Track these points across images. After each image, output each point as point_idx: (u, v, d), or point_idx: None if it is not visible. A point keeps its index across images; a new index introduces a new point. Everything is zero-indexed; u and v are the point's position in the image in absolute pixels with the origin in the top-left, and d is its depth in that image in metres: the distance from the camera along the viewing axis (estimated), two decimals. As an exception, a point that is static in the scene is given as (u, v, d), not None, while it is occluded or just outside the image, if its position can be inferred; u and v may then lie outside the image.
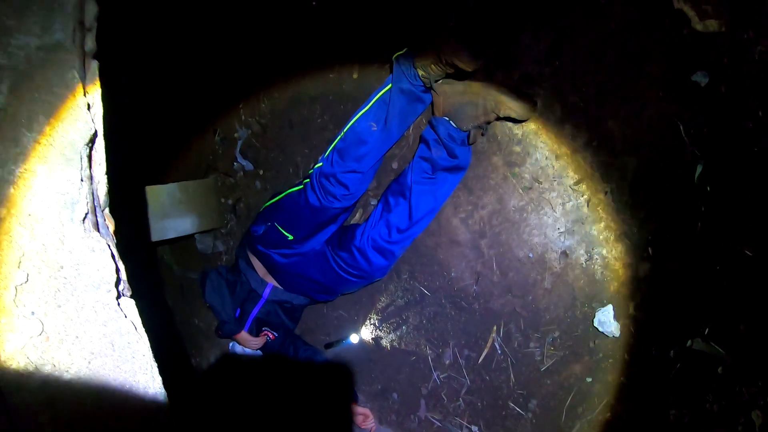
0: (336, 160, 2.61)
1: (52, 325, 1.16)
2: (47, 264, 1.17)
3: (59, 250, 1.18)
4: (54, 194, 1.18)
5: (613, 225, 2.51)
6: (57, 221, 1.18)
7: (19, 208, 1.15)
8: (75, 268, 1.19)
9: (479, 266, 2.75)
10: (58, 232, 1.18)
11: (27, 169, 1.17)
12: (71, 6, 1.32)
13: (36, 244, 1.16)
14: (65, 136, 1.21)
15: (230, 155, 3.31)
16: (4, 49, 1.23)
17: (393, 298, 2.98)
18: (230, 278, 3.05)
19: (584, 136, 2.47)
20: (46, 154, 1.19)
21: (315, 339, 3.19)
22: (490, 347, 2.79)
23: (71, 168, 1.20)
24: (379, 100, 2.58)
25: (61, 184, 1.19)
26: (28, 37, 1.25)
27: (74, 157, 1.21)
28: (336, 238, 2.84)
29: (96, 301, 1.20)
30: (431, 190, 2.63)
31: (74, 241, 1.19)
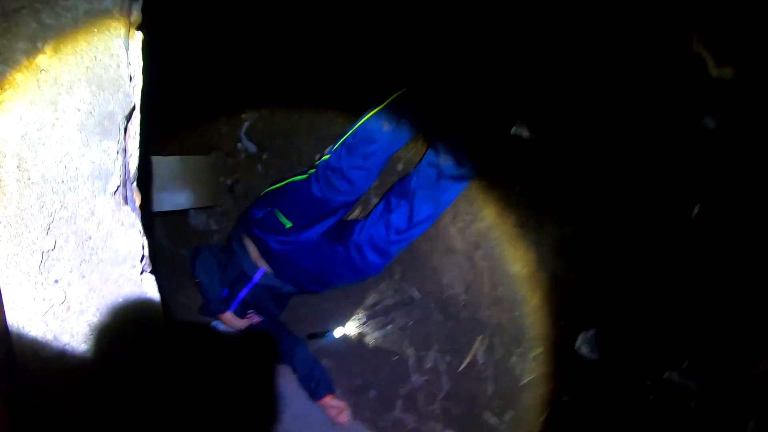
0: (344, 155, 2.62)
1: (74, 295, 1.15)
2: (76, 233, 1.15)
3: (88, 221, 1.17)
4: (89, 163, 1.17)
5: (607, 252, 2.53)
6: (89, 191, 1.17)
7: (53, 174, 1.13)
8: (103, 240, 1.18)
9: (471, 276, 2.77)
10: (90, 203, 1.17)
11: (64, 135, 1.15)
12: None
13: (66, 212, 1.15)
14: (105, 105, 1.20)
15: (235, 135, 3.30)
16: (52, 8, 1.20)
17: (382, 296, 2.99)
18: (222, 258, 3.04)
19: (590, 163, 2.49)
20: (85, 122, 1.17)
21: (299, 328, 3.18)
22: (472, 356, 2.81)
23: (109, 139, 1.19)
24: (394, 101, 2.60)
25: (97, 154, 1.17)
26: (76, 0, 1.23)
27: (112, 129, 1.20)
28: (334, 232, 2.84)
29: (120, 275, 1.19)
30: (434, 196, 2.65)
31: (104, 213, 1.18)
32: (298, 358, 2.99)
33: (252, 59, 3.11)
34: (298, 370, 2.99)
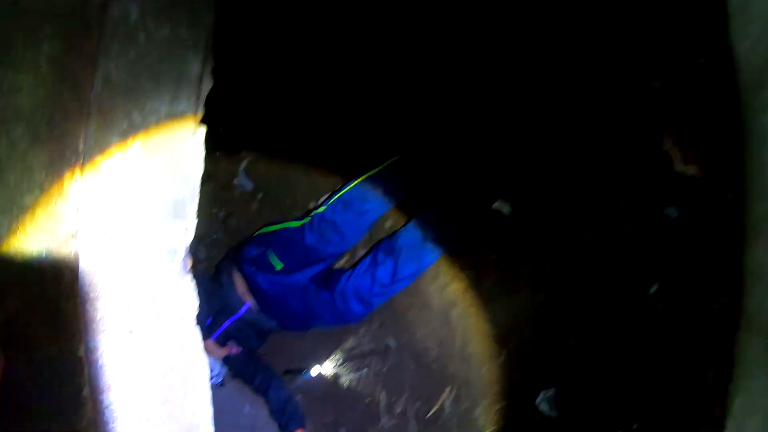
0: (339, 210, 2.99)
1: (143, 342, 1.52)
2: (149, 295, 1.53)
3: (159, 285, 1.54)
4: (163, 240, 1.54)
5: (572, 319, 2.92)
6: (161, 262, 1.55)
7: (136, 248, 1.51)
8: (168, 301, 1.55)
9: (445, 332, 3.14)
10: (161, 271, 1.55)
11: (146, 217, 1.53)
12: (195, 79, 1.68)
13: (143, 278, 1.52)
14: (178, 194, 1.58)
15: (232, 170, 3.60)
16: (140, 110, 1.58)
17: (360, 342, 3.33)
18: (209, 287, 3.29)
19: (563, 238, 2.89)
20: (163, 207, 1.55)
21: (277, 363, 3.46)
22: (440, 406, 3.16)
23: (179, 221, 1.57)
24: (389, 166, 3.01)
25: (170, 234, 1.55)
26: (160, 102, 1.60)
27: (182, 212, 1.58)
28: (321, 277, 3.18)
29: (179, 329, 1.57)
30: (418, 256, 3.03)
31: (171, 279, 1.56)
32: (272, 392, 3.25)
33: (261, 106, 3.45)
34: (272, 403, 3.25)
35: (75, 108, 1.38)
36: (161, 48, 1.61)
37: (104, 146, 1.50)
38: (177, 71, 1.63)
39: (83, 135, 1.38)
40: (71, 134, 1.36)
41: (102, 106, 1.52)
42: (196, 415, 1.62)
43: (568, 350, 2.92)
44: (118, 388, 1.48)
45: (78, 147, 1.37)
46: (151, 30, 1.59)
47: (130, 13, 1.57)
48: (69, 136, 1.36)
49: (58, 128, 1.34)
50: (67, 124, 1.36)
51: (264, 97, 3.43)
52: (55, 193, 1.32)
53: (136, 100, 1.56)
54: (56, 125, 1.34)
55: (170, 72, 1.61)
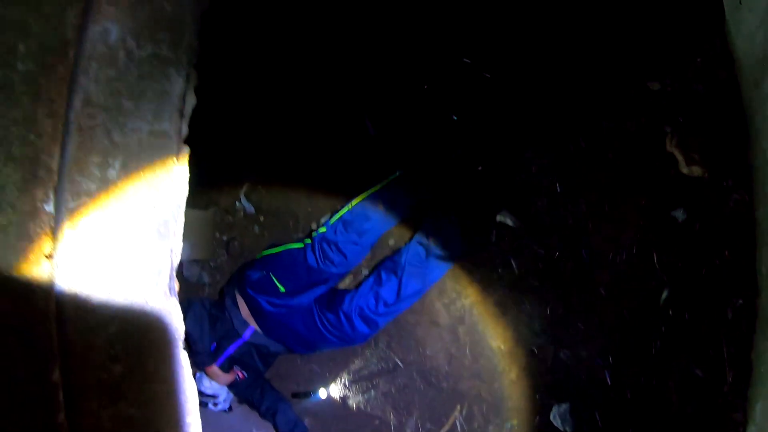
0: (340, 230, 2.93)
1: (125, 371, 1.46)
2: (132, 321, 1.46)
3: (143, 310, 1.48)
4: (146, 263, 1.48)
5: (581, 332, 2.85)
6: (144, 286, 1.48)
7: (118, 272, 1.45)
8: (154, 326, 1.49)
9: (453, 349, 3.08)
10: (144, 296, 1.48)
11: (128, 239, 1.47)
12: (177, 97, 1.63)
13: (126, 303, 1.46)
14: (161, 214, 1.52)
15: (234, 195, 3.59)
16: (121, 129, 1.52)
17: (367, 363, 3.27)
18: (213, 312, 3.25)
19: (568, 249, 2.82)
20: (146, 228, 1.49)
21: (283, 386, 3.42)
22: (451, 425, 3.09)
23: (163, 243, 1.51)
24: (389, 184, 2.95)
25: (153, 255, 1.49)
26: (141, 122, 1.55)
27: (166, 233, 1.52)
28: (325, 299, 3.11)
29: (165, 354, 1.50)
30: (422, 273, 2.97)
31: (156, 303, 1.49)
32: (280, 416, 3.20)
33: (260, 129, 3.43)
34: (280, 427, 3.20)
35: (49, 127, 1.33)
36: (142, 67, 1.56)
37: (83, 166, 1.45)
38: (159, 90, 1.58)
39: (57, 154, 1.33)
40: (45, 153, 1.31)
41: (81, 125, 1.47)
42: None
43: (580, 362, 2.85)
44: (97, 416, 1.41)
45: (52, 166, 1.32)
46: (131, 48, 1.55)
47: (110, 32, 1.53)
48: (43, 155, 1.31)
49: (31, 147, 1.29)
50: (40, 143, 1.31)
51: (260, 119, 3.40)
52: (28, 212, 1.26)
53: (116, 119, 1.51)
54: (29, 144, 1.29)
55: (151, 90, 1.57)
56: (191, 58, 1.68)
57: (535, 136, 2.84)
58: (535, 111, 2.82)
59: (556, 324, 2.89)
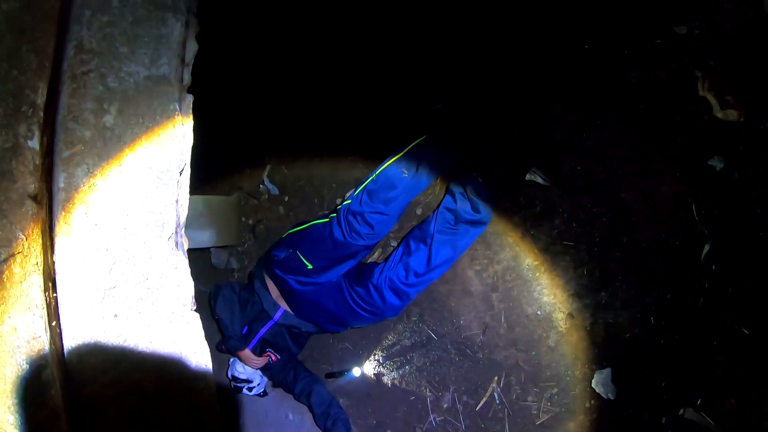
0: (365, 200, 2.78)
1: (130, 328, 1.32)
2: (135, 274, 1.33)
3: (146, 263, 1.35)
4: (148, 213, 1.35)
5: (620, 293, 2.68)
6: (147, 237, 1.35)
7: (117, 221, 1.32)
8: (158, 281, 1.35)
9: (488, 318, 2.92)
10: (148, 247, 1.35)
11: (127, 186, 1.34)
12: (176, 43, 1.50)
13: (127, 254, 1.33)
14: (162, 161, 1.39)
15: (257, 177, 3.48)
16: (116, 74, 1.41)
17: (400, 337, 3.13)
18: (243, 296, 3.17)
19: (602, 207, 2.65)
20: (145, 176, 1.36)
21: (317, 367, 3.32)
22: (489, 396, 2.94)
23: (166, 191, 1.38)
24: (413, 149, 2.78)
25: (155, 204, 1.36)
26: (138, 66, 1.43)
27: (169, 182, 1.39)
28: (353, 274, 2.99)
29: (172, 312, 1.36)
30: (452, 240, 2.81)
31: (160, 256, 1.36)
32: (315, 397, 3.10)
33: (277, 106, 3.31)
34: (315, 408, 3.10)
35: (34, 63, 1.22)
36: (136, 12, 1.46)
37: (78, 114, 1.33)
38: (155, 35, 1.47)
39: (42, 88, 1.21)
40: (28, 87, 1.20)
41: (74, 72, 1.37)
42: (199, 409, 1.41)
43: (620, 326, 2.68)
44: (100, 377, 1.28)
45: (36, 101, 1.20)
46: (125, -7, 1.44)
47: (103, -22, 1.42)
48: (26, 90, 1.19)
49: (13, 82, 1.17)
50: (23, 78, 1.19)
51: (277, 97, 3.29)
52: (8, 149, 1.14)
53: (110, 64, 1.39)
54: (11, 79, 1.17)
55: (148, 35, 1.46)
56: (190, 4, 1.55)
57: (561, 91, 2.67)
58: (561, 64, 2.65)
59: (593, 287, 2.73)
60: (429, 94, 2.92)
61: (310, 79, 3.18)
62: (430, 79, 2.94)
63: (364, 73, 3.07)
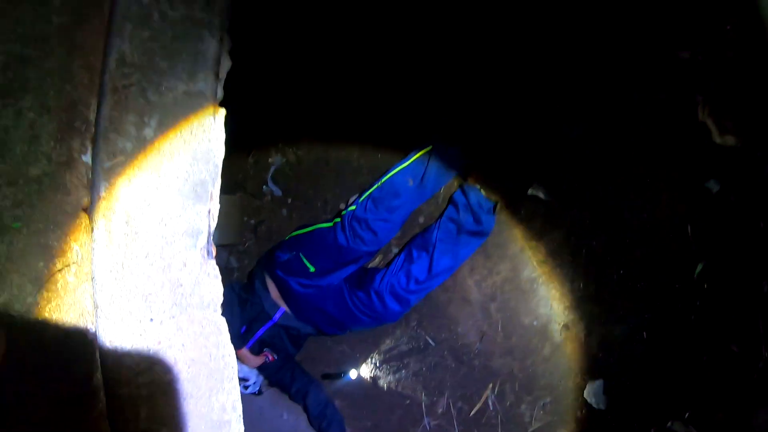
0: (370, 207, 2.86)
1: (164, 332, 1.40)
2: (170, 281, 1.40)
3: (181, 271, 1.42)
4: (184, 223, 1.42)
5: (614, 307, 2.77)
6: (182, 246, 1.42)
7: (155, 230, 1.39)
8: (191, 288, 1.43)
9: (485, 326, 3.01)
10: (183, 256, 1.42)
11: (165, 198, 1.41)
12: (212, 59, 1.58)
13: (164, 262, 1.40)
14: (198, 174, 1.46)
15: (261, 178, 3.53)
16: (156, 88, 1.47)
17: (398, 342, 3.21)
18: (243, 295, 3.21)
19: (601, 223, 2.74)
20: (182, 188, 1.43)
21: (314, 368, 3.36)
22: (483, 403, 3.02)
23: (200, 203, 1.45)
24: (418, 159, 2.86)
25: (191, 215, 1.43)
26: (176, 81, 1.50)
27: (203, 194, 1.46)
28: (355, 278, 3.06)
29: (203, 317, 1.44)
30: (453, 249, 2.90)
31: (194, 264, 1.43)
32: (311, 398, 3.14)
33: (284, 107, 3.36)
34: (311, 409, 3.15)
35: (85, 78, 1.28)
36: (176, 28, 1.52)
37: (119, 125, 1.40)
38: (193, 51, 1.53)
39: (93, 104, 1.28)
40: (81, 103, 1.26)
41: (116, 85, 1.43)
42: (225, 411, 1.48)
43: (613, 338, 2.78)
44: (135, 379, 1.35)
45: (88, 117, 1.27)
46: (164, 10, 1.51)
47: (143, -7, 1.49)
48: (79, 105, 1.26)
49: (66, 98, 1.24)
50: (76, 93, 1.25)
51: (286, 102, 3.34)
52: (64, 162, 1.21)
53: (151, 78, 1.46)
54: (65, 95, 1.24)
55: (186, 51, 1.52)
56: (225, 21, 1.63)
57: (566, 109, 2.75)
58: (567, 84, 2.73)
59: (589, 300, 2.82)
60: (436, 105, 2.99)
61: (318, 82, 3.23)
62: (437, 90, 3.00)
63: (373, 79, 3.12)
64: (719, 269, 2.46)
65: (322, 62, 3.22)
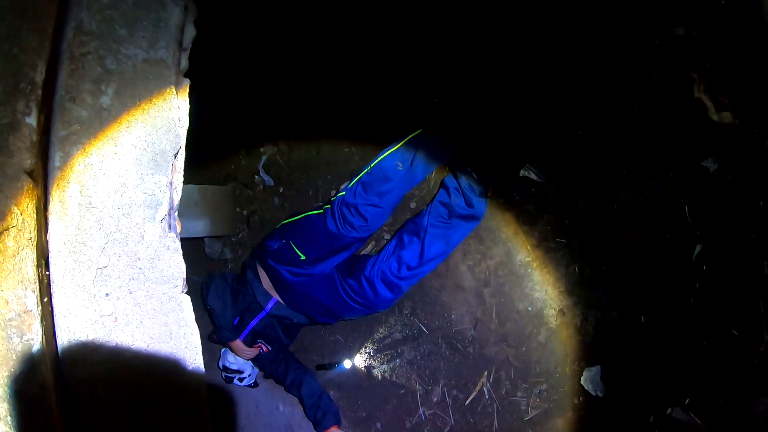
0: (360, 192, 2.81)
1: (121, 308, 1.35)
2: (127, 254, 1.36)
3: (139, 243, 1.37)
4: (142, 194, 1.37)
5: (611, 291, 2.71)
6: (140, 218, 1.38)
7: (111, 201, 1.34)
8: (150, 262, 1.38)
9: (479, 313, 2.95)
10: (140, 228, 1.37)
11: (122, 167, 1.36)
12: (174, 27, 1.53)
13: (120, 235, 1.35)
14: (158, 143, 1.41)
15: (252, 168, 3.50)
16: (114, 56, 1.43)
17: (391, 330, 3.16)
18: (235, 286, 3.19)
19: (595, 205, 2.68)
20: (140, 157, 1.38)
21: (308, 358, 3.34)
22: (478, 391, 2.97)
23: (160, 173, 1.40)
24: (408, 142, 2.81)
25: (149, 186, 1.38)
26: (136, 49, 1.45)
27: (163, 164, 1.41)
28: (346, 266, 3.01)
29: (163, 293, 1.39)
30: (445, 234, 2.84)
31: (153, 237, 1.38)
32: (305, 388, 3.11)
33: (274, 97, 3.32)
34: (305, 400, 3.11)
35: (34, 41, 1.24)
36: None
37: (76, 94, 1.35)
38: (154, 18, 1.49)
39: (41, 67, 1.23)
40: (27, 66, 1.22)
41: (72, 53, 1.39)
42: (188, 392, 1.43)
43: (610, 324, 2.71)
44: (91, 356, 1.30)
45: (34, 78, 1.22)
46: (125, -23, 1.46)
47: (103, -39, 1.44)
48: (25, 67, 1.21)
49: (13, 61, 1.20)
50: (23, 56, 1.21)
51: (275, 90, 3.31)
52: (6, 125, 1.17)
53: (109, 46, 1.42)
54: (11, 58, 1.20)
55: (147, 19, 1.48)
56: (190, -11, 1.58)
57: (558, 89, 2.69)
58: (558, 62, 2.67)
59: (584, 284, 2.76)
60: (426, 88, 2.94)
61: (307, 71, 3.19)
62: (427, 72, 2.95)
63: (362, 65, 3.08)
64: (718, 250, 2.40)
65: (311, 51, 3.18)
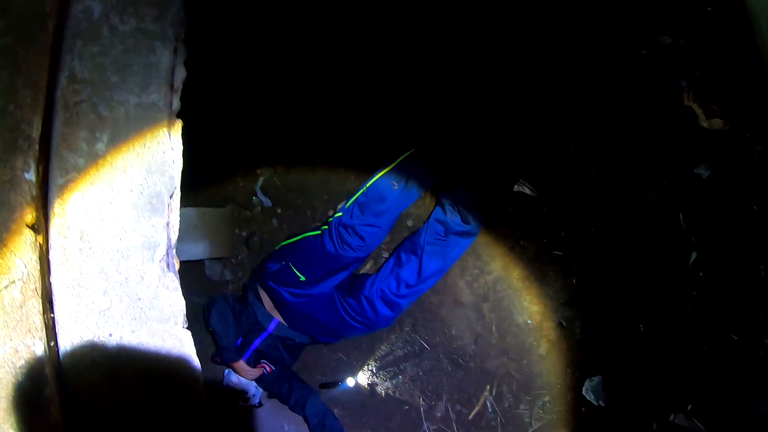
0: (356, 213, 2.86)
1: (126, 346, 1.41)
2: (128, 295, 1.42)
3: (139, 284, 1.43)
4: (140, 236, 1.44)
5: (609, 301, 2.76)
6: (139, 260, 1.44)
7: (110, 245, 1.41)
8: (150, 301, 1.44)
9: (479, 327, 3.00)
10: (140, 269, 1.44)
11: (119, 212, 1.43)
12: (165, 70, 1.59)
13: (120, 277, 1.42)
14: (154, 186, 1.47)
15: (250, 189, 3.55)
16: (107, 102, 1.49)
17: (393, 347, 3.20)
18: (237, 308, 3.24)
19: (590, 216, 2.73)
20: (137, 201, 1.45)
21: (311, 377, 3.37)
22: (481, 405, 3.01)
23: (157, 216, 1.46)
24: (403, 161, 2.86)
25: (146, 228, 1.45)
26: (128, 94, 1.52)
27: (159, 207, 1.47)
28: (346, 285, 3.06)
29: (164, 331, 1.45)
30: (442, 251, 2.89)
31: (152, 278, 1.45)
32: (309, 408, 3.14)
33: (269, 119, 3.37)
34: (310, 419, 3.14)
35: (28, 97, 1.31)
36: (126, 41, 1.55)
37: (71, 142, 1.42)
38: (145, 63, 1.56)
39: (37, 123, 1.30)
40: (24, 122, 1.28)
41: (67, 102, 1.45)
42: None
43: (610, 334, 2.76)
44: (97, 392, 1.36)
45: (31, 134, 1.29)
46: (115, 24, 1.53)
47: (93, 9, 1.51)
48: (21, 125, 1.28)
49: (10, 117, 1.26)
50: (20, 113, 1.28)
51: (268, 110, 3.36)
52: (6, 182, 1.23)
53: (102, 93, 1.48)
54: (8, 115, 1.26)
55: (137, 64, 1.54)
56: (179, 32, 1.65)
57: (548, 102, 2.75)
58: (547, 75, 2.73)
59: (583, 295, 2.81)
60: (419, 107, 3.00)
61: (302, 92, 3.25)
62: (419, 91, 3.01)
63: (356, 85, 3.13)
64: (714, 256, 2.45)
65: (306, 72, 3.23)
